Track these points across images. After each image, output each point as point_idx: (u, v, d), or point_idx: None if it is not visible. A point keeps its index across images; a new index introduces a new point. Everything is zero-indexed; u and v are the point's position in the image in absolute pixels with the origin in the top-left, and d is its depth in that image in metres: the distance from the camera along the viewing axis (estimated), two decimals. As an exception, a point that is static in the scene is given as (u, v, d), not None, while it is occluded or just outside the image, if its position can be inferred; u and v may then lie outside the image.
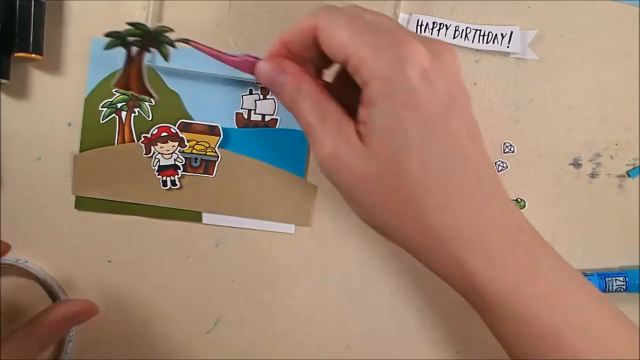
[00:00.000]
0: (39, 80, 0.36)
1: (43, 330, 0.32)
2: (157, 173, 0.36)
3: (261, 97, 0.36)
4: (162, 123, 0.36)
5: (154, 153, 0.36)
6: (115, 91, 0.36)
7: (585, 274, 0.38)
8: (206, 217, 0.37)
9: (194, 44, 0.30)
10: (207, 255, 0.37)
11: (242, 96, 0.36)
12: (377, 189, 0.26)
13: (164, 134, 0.36)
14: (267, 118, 0.36)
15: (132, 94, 0.36)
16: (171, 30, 0.31)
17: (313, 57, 0.28)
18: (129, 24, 0.30)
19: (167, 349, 0.38)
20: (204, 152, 0.36)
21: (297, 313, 0.38)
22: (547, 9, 0.37)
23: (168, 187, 0.36)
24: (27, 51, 0.34)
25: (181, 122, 0.36)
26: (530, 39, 0.37)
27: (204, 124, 0.36)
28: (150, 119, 0.36)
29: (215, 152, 0.36)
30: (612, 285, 0.37)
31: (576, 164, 0.38)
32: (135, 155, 0.36)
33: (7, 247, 0.34)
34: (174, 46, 0.31)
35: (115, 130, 0.36)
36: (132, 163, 0.36)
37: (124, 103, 0.36)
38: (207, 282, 0.38)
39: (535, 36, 0.37)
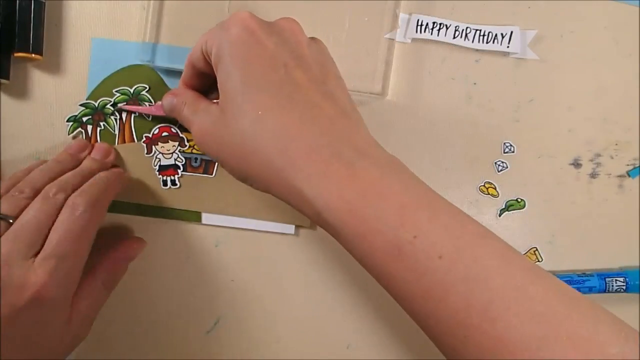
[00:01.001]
0: (39, 80, 0.36)
1: (105, 276, 0.33)
2: (157, 173, 0.36)
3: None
4: (162, 123, 0.36)
5: (155, 153, 0.36)
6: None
7: (585, 274, 0.38)
8: (206, 217, 0.37)
9: (124, 106, 0.36)
10: (207, 255, 0.37)
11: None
12: (226, 143, 0.28)
13: (164, 133, 0.36)
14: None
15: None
16: (110, 101, 0.36)
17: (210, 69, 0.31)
18: (81, 104, 0.36)
19: (167, 349, 0.38)
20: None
21: (297, 313, 0.38)
22: (547, 9, 0.37)
23: (168, 186, 0.36)
24: (27, 51, 0.34)
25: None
26: (530, 39, 0.37)
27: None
28: (150, 118, 0.36)
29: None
30: (612, 286, 0.37)
31: (576, 164, 0.38)
32: (136, 154, 0.36)
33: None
34: (117, 113, 0.36)
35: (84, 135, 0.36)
36: (133, 163, 0.36)
37: (90, 117, 0.36)
38: (207, 282, 0.38)
39: (535, 36, 0.37)
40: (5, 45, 0.34)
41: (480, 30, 0.37)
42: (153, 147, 0.36)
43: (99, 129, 0.36)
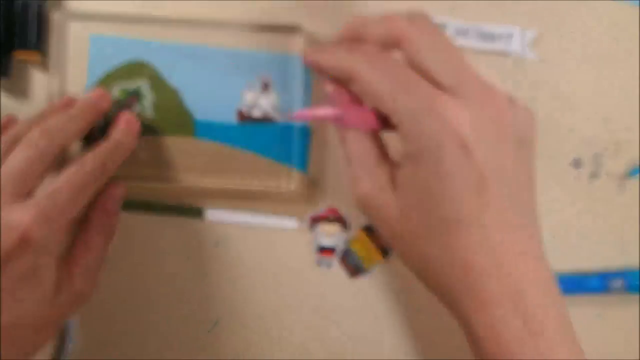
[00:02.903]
0: (39, 79, 0.36)
1: (99, 224, 0.33)
2: (315, 251, 0.37)
3: (262, 92, 0.36)
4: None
5: (317, 231, 0.37)
6: (115, 88, 0.36)
7: (585, 275, 0.38)
8: (208, 214, 0.37)
9: (298, 114, 0.30)
10: (207, 255, 0.37)
11: (243, 91, 0.36)
12: (403, 239, 0.27)
13: (331, 215, 0.37)
14: (269, 113, 0.36)
15: (131, 91, 0.36)
16: None
17: None
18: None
19: (167, 349, 0.38)
20: (362, 259, 0.37)
21: (298, 313, 0.38)
22: (547, 9, 0.37)
23: (321, 267, 0.37)
24: (27, 51, 0.34)
25: (367, 226, 0.37)
26: (530, 39, 0.37)
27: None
28: (150, 115, 0.36)
29: (368, 268, 0.37)
30: (612, 286, 0.37)
31: (576, 164, 0.38)
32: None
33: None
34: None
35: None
36: (130, 159, 0.35)
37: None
38: (207, 282, 0.38)
39: (535, 36, 0.37)
40: (5, 44, 0.34)
41: (480, 30, 0.37)
42: (316, 224, 0.37)
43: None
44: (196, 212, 0.37)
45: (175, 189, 0.36)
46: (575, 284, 0.37)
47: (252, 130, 0.36)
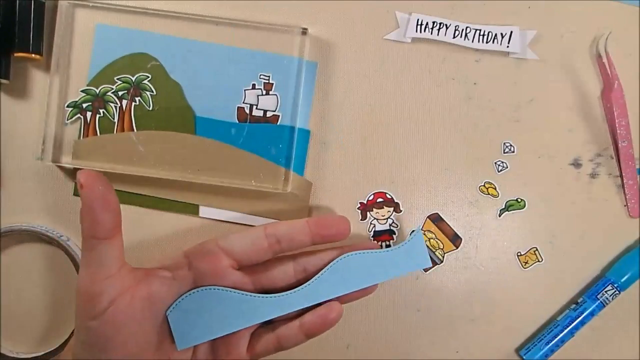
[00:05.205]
0: (39, 80, 0.36)
1: None
2: (372, 238, 0.37)
3: (264, 92, 0.36)
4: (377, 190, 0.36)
5: (370, 219, 0.37)
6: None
7: (577, 303, 0.37)
8: (203, 211, 0.37)
9: None
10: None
11: (245, 90, 0.36)
12: None
13: (379, 199, 0.37)
14: (269, 114, 0.36)
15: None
16: (111, 88, 0.35)
17: None
18: (82, 90, 0.35)
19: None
20: (434, 249, 0.37)
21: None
22: (547, 9, 0.37)
23: None
24: (27, 51, 0.34)
25: (436, 213, 0.37)
26: (530, 39, 0.37)
27: (453, 229, 0.37)
28: (150, 108, 0.36)
29: (442, 258, 0.37)
30: (607, 298, 0.37)
31: (576, 164, 0.38)
32: (130, 143, 0.36)
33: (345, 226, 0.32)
34: (117, 101, 0.35)
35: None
36: (128, 151, 0.36)
37: (90, 103, 0.36)
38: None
39: (535, 36, 0.37)
40: (5, 45, 0.34)
41: (480, 30, 0.37)
42: (368, 213, 0.37)
43: (98, 116, 0.36)
44: (191, 209, 0.37)
45: (171, 184, 0.36)
46: (576, 319, 0.37)
47: (252, 130, 0.36)
